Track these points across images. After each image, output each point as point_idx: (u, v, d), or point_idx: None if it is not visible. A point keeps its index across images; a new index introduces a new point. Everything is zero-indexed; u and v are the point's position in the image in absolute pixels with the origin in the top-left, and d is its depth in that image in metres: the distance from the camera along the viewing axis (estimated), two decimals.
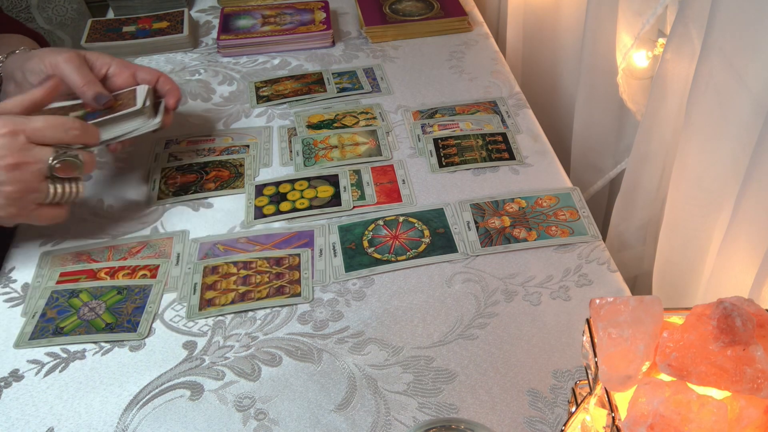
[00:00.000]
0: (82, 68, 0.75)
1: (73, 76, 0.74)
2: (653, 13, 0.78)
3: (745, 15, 0.55)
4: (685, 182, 0.70)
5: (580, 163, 1.02)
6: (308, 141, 0.86)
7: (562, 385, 0.59)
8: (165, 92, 0.80)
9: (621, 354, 0.40)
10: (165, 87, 0.80)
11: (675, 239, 0.74)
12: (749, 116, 0.59)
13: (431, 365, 0.61)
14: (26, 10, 1.66)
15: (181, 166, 0.84)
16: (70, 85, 0.74)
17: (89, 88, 0.74)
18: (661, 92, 0.74)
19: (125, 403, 0.59)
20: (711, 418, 0.37)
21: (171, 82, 0.80)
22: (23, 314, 0.67)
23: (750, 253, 0.60)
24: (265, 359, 0.62)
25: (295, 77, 0.98)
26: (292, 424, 0.57)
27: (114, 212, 0.78)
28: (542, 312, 0.65)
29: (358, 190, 0.79)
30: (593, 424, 0.46)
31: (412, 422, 0.57)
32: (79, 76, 0.74)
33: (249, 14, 1.09)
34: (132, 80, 0.79)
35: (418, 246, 0.72)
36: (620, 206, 0.87)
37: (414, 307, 0.66)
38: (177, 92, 0.81)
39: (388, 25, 1.06)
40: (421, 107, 0.92)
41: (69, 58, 0.74)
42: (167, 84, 0.80)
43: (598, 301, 0.43)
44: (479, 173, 0.81)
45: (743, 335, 0.38)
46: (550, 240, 0.72)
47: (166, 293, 0.69)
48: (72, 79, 0.74)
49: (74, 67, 0.74)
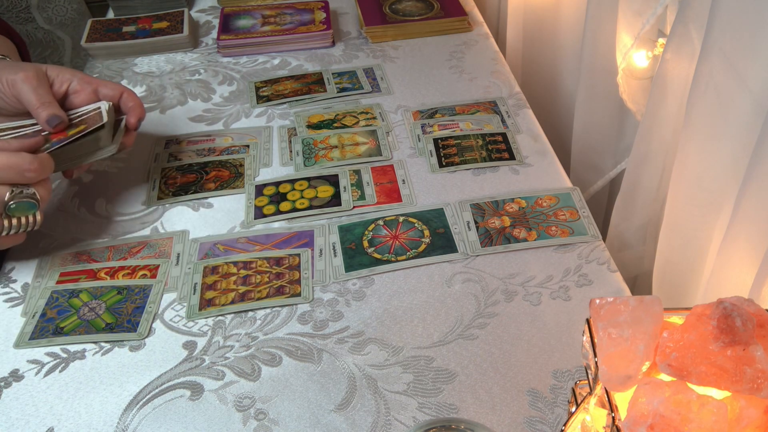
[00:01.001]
0: (39, 88, 0.71)
1: (28, 96, 0.70)
2: (653, 13, 0.78)
3: (745, 15, 0.55)
4: (685, 182, 0.70)
5: (580, 163, 1.02)
6: (308, 141, 0.86)
7: (562, 385, 0.59)
8: (128, 109, 0.76)
9: (621, 354, 0.40)
10: (128, 104, 0.76)
11: (675, 239, 0.74)
12: (749, 116, 0.59)
13: (431, 365, 0.61)
14: (26, 10, 1.66)
15: (181, 166, 0.84)
16: (26, 105, 0.71)
17: (43, 109, 0.70)
18: (661, 92, 0.74)
19: (125, 403, 0.59)
20: (711, 418, 0.37)
21: (135, 98, 0.77)
22: (23, 314, 0.67)
23: (750, 253, 0.60)
24: (265, 359, 0.62)
25: (295, 77, 0.98)
26: (292, 424, 0.57)
27: (114, 212, 0.78)
28: (542, 312, 0.65)
29: (358, 190, 0.79)
30: (593, 424, 0.46)
31: (412, 422, 0.57)
32: (35, 96, 0.70)
33: (249, 14, 1.09)
34: (94, 96, 0.75)
35: (418, 246, 0.72)
36: (620, 206, 0.87)
37: (414, 307, 0.66)
38: (140, 110, 0.77)
39: (388, 25, 1.06)
40: (421, 107, 0.92)
41: (26, 77, 0.71)
42: (131, 101, 0.76)
43: (598, 301, 0.43)
44: (479, 173, 0.81)
45: (743, 335, 0.38)
46: (550, 240, 0.72)
47: (166, 293, 0.69)
48: (27, 99, 0.71)
49: (31, 88, 0.71)
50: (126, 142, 0.76)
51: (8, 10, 1.63)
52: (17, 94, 0.71)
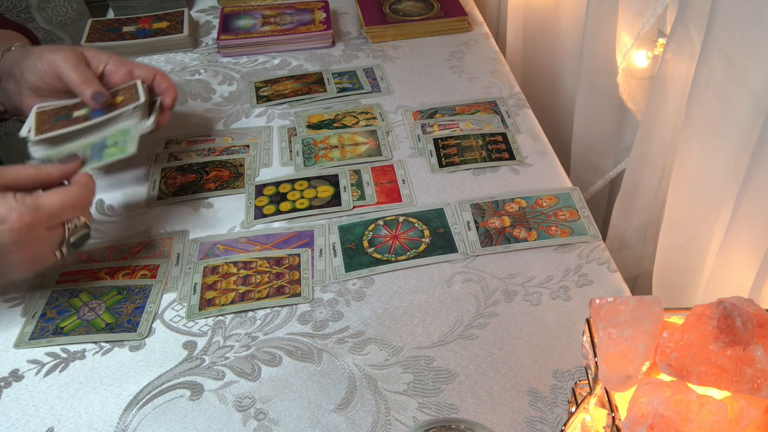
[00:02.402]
0: (80, 66, 0.74)
1: (71, 75, 0.73)
2: (653, 13, 0.78)
3: (745, 15, 0.55)
4: (685, 182, 0.70)
5: (580, 163, 1.02)
6: (308, 141, 0.86)
7: (562, 385, 0.59)
8: (161, 91, 0.79)
9: (621, 354, 0.40)
10: (162, 85, 0.79)
11: (675, 239, 0.74)
12: (749, 116, 0.59)
13: (431, 365, 0.61)
14: (26, 10, 1.66)
15: (181, 166, 0.84)
16: (68, 83, 0.74)
17: (87, 86, 0.73)
18: (661, 92, 0.74)
19: (125, 403, 0.59)
20: (711, 418, 0.37)
21: (168, 80, 0.79)
22: (23, 314, 0.67)
23: (750, 253, 0.60)
24: (265, 359, 0.62)
25: (295, 77, 0.98)
26: (292, 424, 0.57)
27: (114, 212, 0.78)
28: (542, 312, 0.65)
29: (358, 190, 0.79)
30: (593, 424, 0.46)
31: (412, 422, 0.57)
32: (77, 74, 0.73)
33: (249, 14, 1.09)
34: (129, 78, 0.78)
35: (418, 246, 0.72)
36: (620, 206, 0.87)
37: (414, 307, 0.66)
38: (174, 91, 0.79)
39: (388, 25, 1.06)
40: (421, 107, 0.92)
41: (67, 56, 0.74)
42: (164, 82, 0.79)
43: (598, 301, 0.43)
44: (479, 173, 0.81)
45: (743, 335, 0.38)
46: (550, 240, 0.72)
47: (166, 293, 0.69)
48: (70, 78, 0.73)
49: (72, 66, 0.73)
50: (161, 121, 0.78)
51: (8, 11, 1.63)
52: (59, 73, 0.73)
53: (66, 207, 0.62)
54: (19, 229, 0.59)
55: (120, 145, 0.70)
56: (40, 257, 0.63)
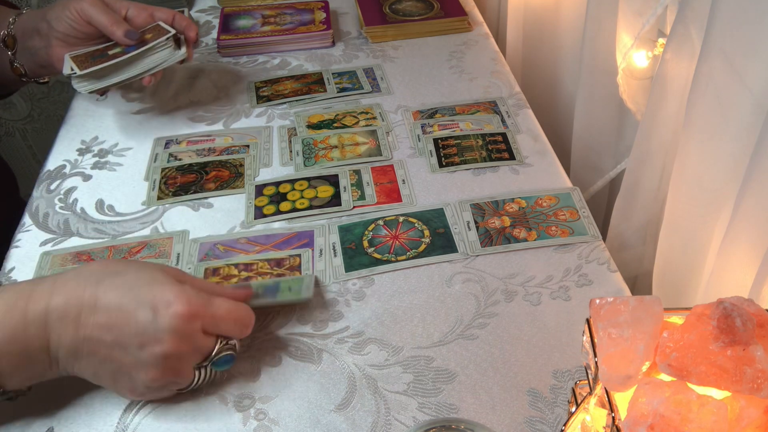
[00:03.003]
0: (107, 10, 0.81)
1: (100, 18, 0.80)
2: (653, 13, 0.78)
3: (745, 15, 0.55)
4: (685, 182, 0.70)
5: (580, 163, 1.02)
6: (308, 141, 0.86)
7: (562, 385, 0.59)
8: (183, 28, 0.85)
9: (621, 354, 0.40)
10: (182, 23, 0.85)
11: (675, 239, 0.74)
12: (749, 116, 0.59)
13: (431, 365, 0.61)
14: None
15: (181, 166, 0.84)
16: (99, 26, 0.81)
17: (118, 27, 0.80)
18: (661, 92, 0.74)
19: (125, 403, 0.59)
20: (711, 418, 0.37)
21: (186, 19, 0.86)
22: None
23: (750, 253, 0.60)
24: (265, 359, 0.62)
25: (295, 77, 0.98)
26: (292, 424, 0.57)
27: (114, 212, 0.78)
28: (542, 312, 0.65)
29: (358, 190, 0.79)
30: (593, 424, 0.46)
31: (412, 422, 0.57)
32: (106, 17, 0.80)
33: (249, 14, 1.09)
34: (150, 20, 0.85)
35: (418, 246, 0.72)
36: (620, 206, 0.87)
37: (414, 307, 0.66)
38: (195, 26, 0.86)
39: (388, 25, 1.06)
40: (421, 107, 0.92)
41: (92, 2, 0.80)
42: (183, 21, 0.85)
43: (598, 301, 0.43)
44: (479, 173, 0.81)
45: (743, 335, 0.38)
46: (550, 240, 0.72)
47: None
48: (99, 21, 0.80)
49: (100, 10, 0.80)
50: (189, 54, 0.85)
51: None
52: (88, 18, 0.80)
53: (231, 317, 0.57)
54: (182, 315, 0.53)
55: (294, 290, 0.66)
56: (179, 370, 0.55)
